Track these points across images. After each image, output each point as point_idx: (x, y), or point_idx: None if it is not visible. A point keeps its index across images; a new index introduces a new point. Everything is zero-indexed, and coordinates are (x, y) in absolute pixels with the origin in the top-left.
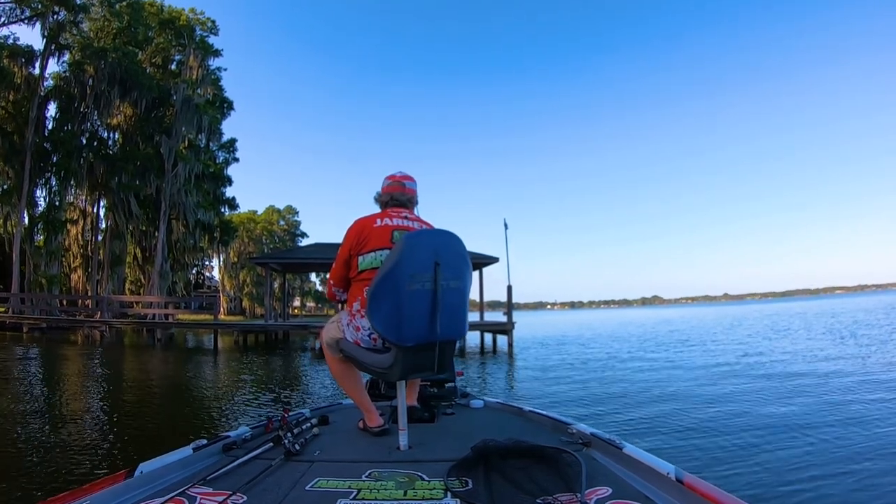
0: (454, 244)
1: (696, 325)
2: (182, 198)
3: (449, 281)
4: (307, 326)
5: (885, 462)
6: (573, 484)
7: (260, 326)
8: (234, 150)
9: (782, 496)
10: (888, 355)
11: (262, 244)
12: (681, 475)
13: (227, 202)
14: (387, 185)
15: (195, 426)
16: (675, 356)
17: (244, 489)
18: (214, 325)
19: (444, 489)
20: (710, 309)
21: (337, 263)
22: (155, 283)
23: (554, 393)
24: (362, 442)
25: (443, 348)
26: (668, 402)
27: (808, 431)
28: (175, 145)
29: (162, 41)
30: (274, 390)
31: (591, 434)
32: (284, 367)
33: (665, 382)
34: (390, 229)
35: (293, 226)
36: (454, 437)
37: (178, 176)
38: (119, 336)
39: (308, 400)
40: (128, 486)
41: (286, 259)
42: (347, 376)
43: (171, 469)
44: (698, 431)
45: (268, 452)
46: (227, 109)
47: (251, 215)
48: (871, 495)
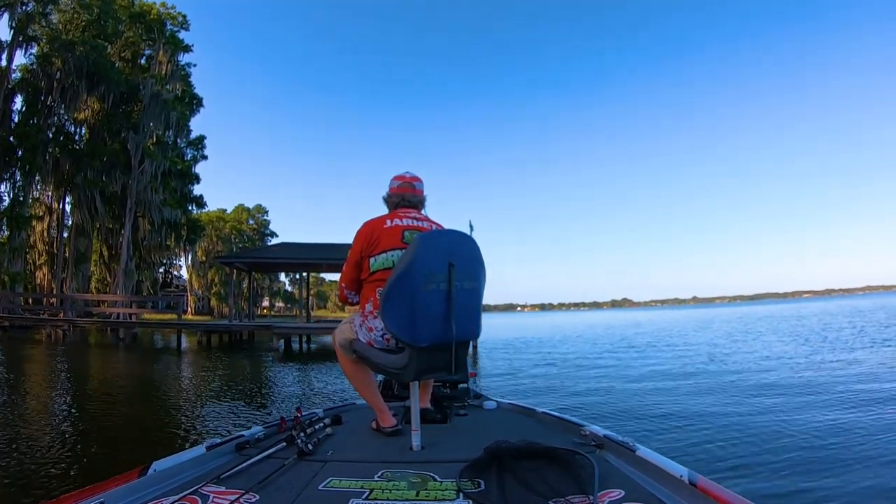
0: (468, 245)
1: (664, 326)
2: (148, 195)
3: (463, 282)
4: (270, 327)
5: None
6: (586, 486)
7: (224, 326)
8: (202, 148)
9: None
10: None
11: (231, 243)
12: (694, 478)
13: (195, 200)
14: (396, 185)
15: (132, 439)
16: (635, 357)
17: (257, 488)
18: (178, 324)
19: (457, 490)
20: (679, 312)
21: (348, 266)
22: (120, 281)
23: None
24: (375, 442)
25: (456, 349)
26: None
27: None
28: (142, 141)
29: (132, 35)
30: (233, 396)
31: (604, 436)
32: (246, 368)
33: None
34: (401, 229)
35: (262, 225)
36: (467, 438)
37: (144, 173)
38: (83, 335)
39: (269, 405)
40: (141, 483)
41: (252, 259)
42: (360, 377)
43: (184, 467)
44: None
45: (281, 452)
46: (197, 106)
47: (220, 214)
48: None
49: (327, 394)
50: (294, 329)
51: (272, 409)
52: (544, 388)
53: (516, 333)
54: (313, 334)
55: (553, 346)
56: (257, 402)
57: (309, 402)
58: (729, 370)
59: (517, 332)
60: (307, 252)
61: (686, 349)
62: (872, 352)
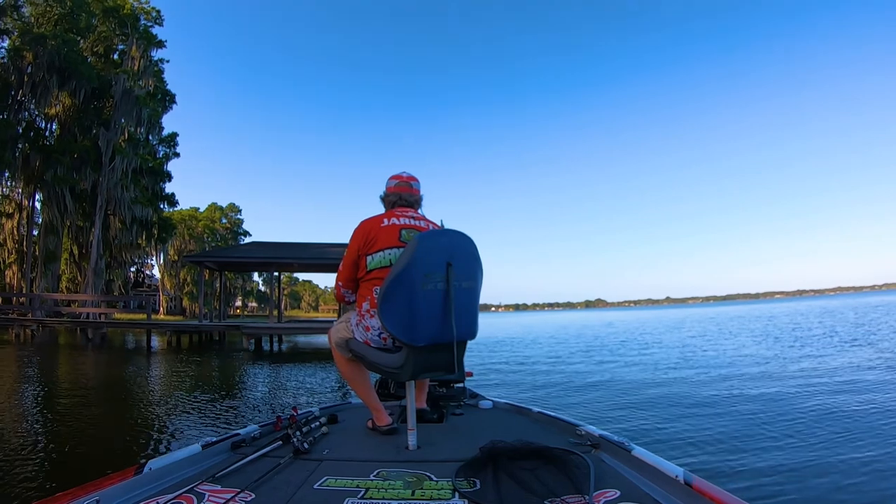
0: (466, 245)
1: (637, 326)
2: (119, 193)
3: (461, 281)
4: (239, 327)
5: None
6: (581, 486)
7: (194, 326)
8: (174, 145)
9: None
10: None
11: (204, 242)
12: (690, 479)
13: (167, 198)
14: (393, 185)
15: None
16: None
17: (252, 487)
18: (147, 324)
19: (452, 489)
20: (653, 312)
21: (344, 265)
22: (90, 280)
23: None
24: (371, 441)
25: (454, 349)
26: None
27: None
28: (113, 138)
29: (105, 30)
30: (199, 399)
31: (599, 436)
32: (214, 370)
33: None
34: (398, 228)
35: (236, 224)
36: (463, 437)
37: (115, 170)
38: (53, 335)
39: (240, 408)
40: (137, 482)
41: (223, 258)
42: (356, 376)
43: (179, 466)
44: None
45: (276, 450)
46: (169, 103)
47: (193, 213)
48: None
49: (299, 395)
50: (264, 329)
51: (244, 412)
52: (512, 387)
53: (489, 333)
54: (285, 334)
55: (525, 346)
56: (226, 404)
57: (279, 403)
58: (699, 369)
59: (490, 332)
60: (278, 251)
61: (659, 349)
62: (851, 351)
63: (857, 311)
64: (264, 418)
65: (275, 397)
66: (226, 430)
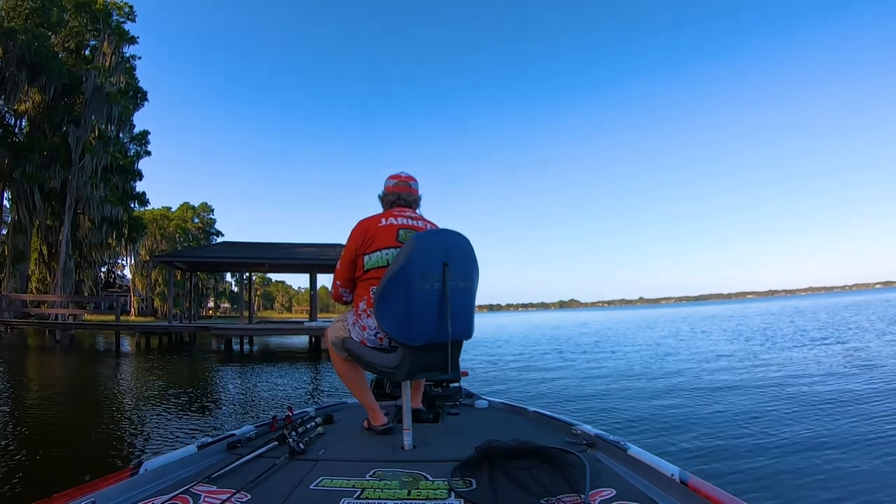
0: (463, 245)
1: (610, 326)
2: (89, 191)
3: (457, 281)
4: (208, 328)
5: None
6: (577, 485)
7: (163, 328)
8: (145, 143)
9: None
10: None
11: (176, 242)
12: (685, 477)
13: (137, 197)
14: (392, 184)
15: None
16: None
17: (248, 487)
18: (116, 326)
19: (448, 489)
20: (626, 312)
21: (342, 264)
22: (59, 281)
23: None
24: (366, 441)
25: (450, 349)
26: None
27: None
28: (84, 135)
29: (76, 25)
30: (161, 404)
31: (595, 435)
32: (182, 372)
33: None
34: (396, 228)
35: (208, 224)
36: (458, 437)
37: (85, 168)
38: (21, 337)
39: (206, 415)
40: (132, 483)
41: (193, 258)
42: (353, 376)
43: (175, 467)
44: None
45: (272, 451)
46: (141, 100)
47: (165, 212)
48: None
49: (269, 399)
50: (234, 330)
51: (209, 419)
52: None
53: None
54: (256, 335)
55: (498, 347)
56: (194, 409)
57: (253, 407)
58: (672, 369)
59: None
60: (249, 251)
61: (632, 348)
62: (823, 348)
63: (828, 310)
64: (230, 427)
65: (243, 402)
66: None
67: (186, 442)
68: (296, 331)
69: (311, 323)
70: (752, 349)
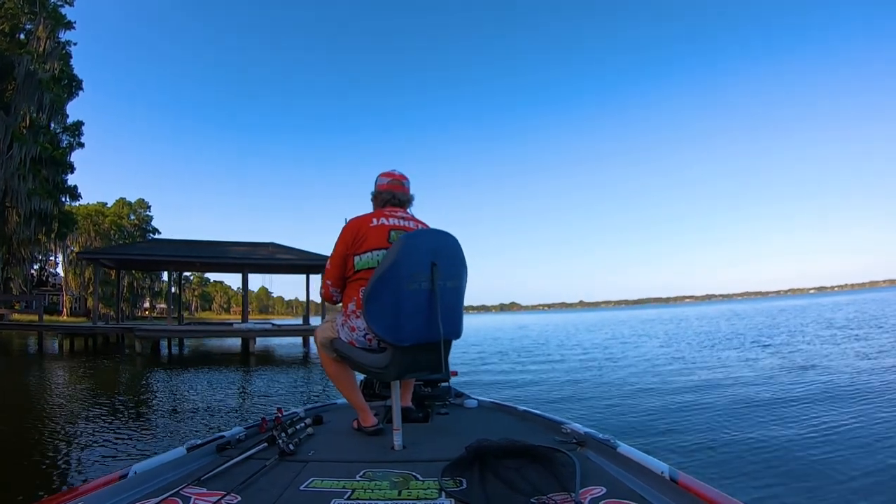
0: (451, 245)
1: (552, 329)
2: (16, 183)
3: (446, 281)
4: (132, 329)
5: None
6: (567, 483)
7: (87, 329)
8: (79, 134)
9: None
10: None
11: (111, 239)
12: (675, 475)
13: (69, 191)
14: (385, 182)
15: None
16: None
17: (238, 489)
18: (39, 326)
19: (439, 489)
20: (566, 315)
21: (332, 263)
22: None
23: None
24: (356, 442)
25: (439, 349)
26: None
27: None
28: (13, 124)
29: (12, 6)
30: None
31: (585, 433)
32: (90, 378)
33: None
34: (387, 229)
35: (144, 221)
36: (448, 436)
37: (13, 158)
38: None
39: (103, 430)
40: (121, 486)
41: (119, 255)
42: (342, 376)
43: (164, 469)
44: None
45: (262, 452)
46: (76, 89)
47: (100, 207)
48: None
49: (187, 413)
50: (161, 332)
51: (108, 435)
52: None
53: None
54: (185, 337)
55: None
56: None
57: (154, 427)
58: (620, 369)
59: None
60: (179, 249)
61: (567, 349)
62: (754, 350)
63: (765, 314)
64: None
65: (147, 417)
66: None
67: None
68: (225, 333)
69: (241, 325)
70: (704, 353)
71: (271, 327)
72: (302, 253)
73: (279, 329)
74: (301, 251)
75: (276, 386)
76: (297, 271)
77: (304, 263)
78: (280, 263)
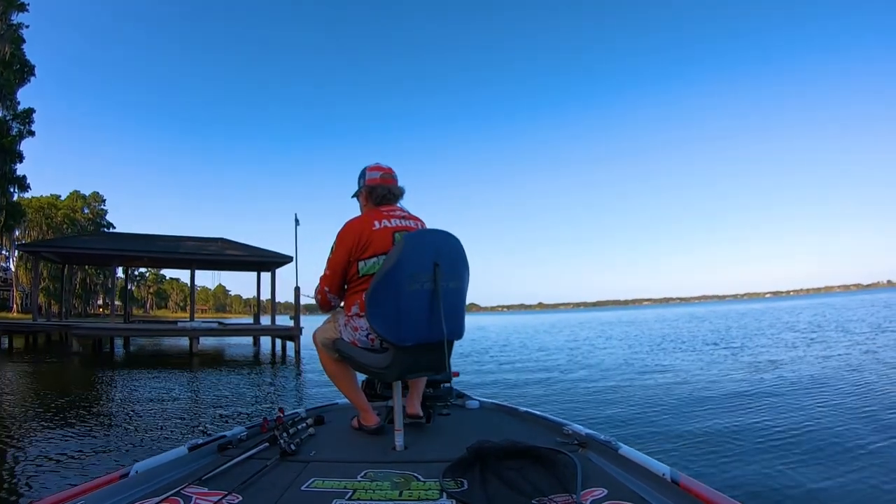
0: (453, 245)
1: (512, 330)
2: None
3: (448, 282)
4: (70, 327)
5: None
6: (569, 485)
7: (26, 326)
8: (29, 122)
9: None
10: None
11: (63, 233)
12: (676, 476)
13: (17, 181)
14: (378, 177)
15: None
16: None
17: (239, 489)
18: None
19: (440, 490)
20: (525, 317)
21: (332, 269)
22: None
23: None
24: (358, 442)
25: (441, 349)
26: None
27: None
28: None
29: None
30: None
31: (586, 435)
32: (21, 380)
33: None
34: (391, 231)
35: (99, 214)
36: (450, 437)
37: None
38: None
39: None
40: (123, 485)
41: (63, 248)
42: (343, 376)
43: (166, 469)
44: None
45: (263, 452)
46: (28, 74)
47: (53, 200)
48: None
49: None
50: (102, 331)
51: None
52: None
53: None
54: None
55: None
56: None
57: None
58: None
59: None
60: (126, 243)
61: (530, 350)
62: (710, 351)
63: (726, 317)
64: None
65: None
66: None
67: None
68: (169, 332)
69: (186, 323)
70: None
71: (217, 326)
72: (252, 249)
73: (226, 328)
74: (252, 247)
75: (213, 393)
76: (248, 268)
77: (254, 260)
78: (230, 260)
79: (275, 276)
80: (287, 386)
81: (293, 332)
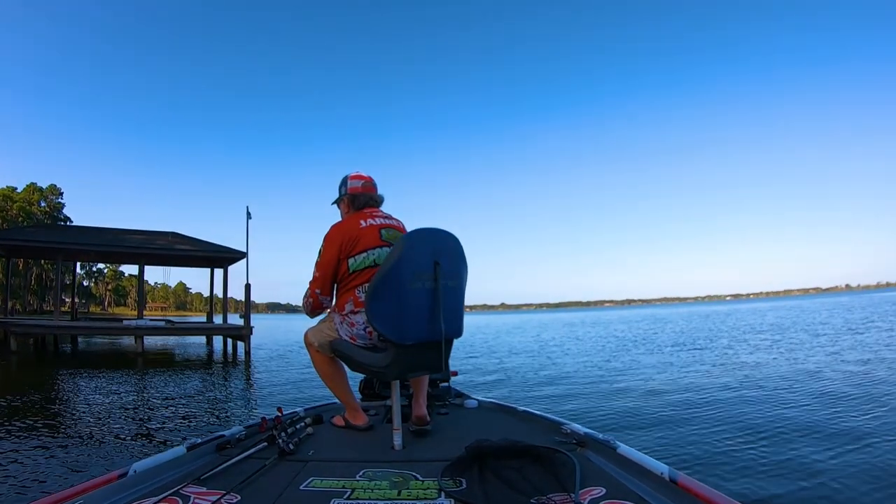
0: (453, 243)
1: (476, 330)
2: None
3: (448, 280)
4: (8, 325)
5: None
6: (567, 484)
7: None
8: None
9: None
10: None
11: (19, 226)
12: (675, 475)
13: None
14: (360, 185)
15: None
16: None
17: (238, 488)
18: None
19: (438, 489)
20: (489, 317)
21: (322, 272)
22: None
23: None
24: (356, 442)
25: (440, 348)
26: None
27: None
28: None
29: None
30: None
31: (584, 434)
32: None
33: None
34: (377, 228)
35: (56, 208)
36: (448, 436)
37: None
38: None
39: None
40: (121, 485)
41: (5, 241)
42: (335, 375)
43: (164, 468)
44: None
45: (262, 452)
46: None
47: (8, 192)
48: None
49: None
50: (43, 328)
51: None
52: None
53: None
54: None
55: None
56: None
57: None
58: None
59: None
60: (69, 235)
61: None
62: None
63: (688, 318)
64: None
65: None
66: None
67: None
68: (113, 330)
69: (132, 321)
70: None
71: (164, 325)
72: (204, 244)
73: (173, 327)
74: (203, 242)
75: (156, 397)
76: (200, 264)
77: (205, 255)
78: (180, 254)
79: (227, 272)
80: (233, 388)
81: (243, 332)
